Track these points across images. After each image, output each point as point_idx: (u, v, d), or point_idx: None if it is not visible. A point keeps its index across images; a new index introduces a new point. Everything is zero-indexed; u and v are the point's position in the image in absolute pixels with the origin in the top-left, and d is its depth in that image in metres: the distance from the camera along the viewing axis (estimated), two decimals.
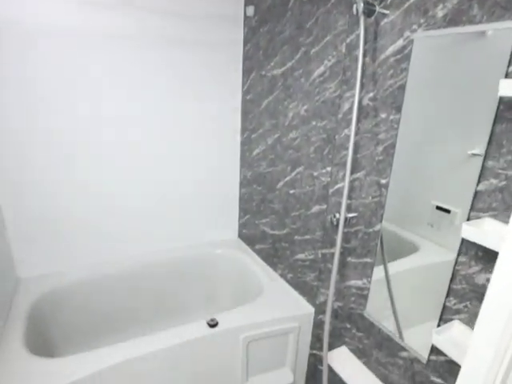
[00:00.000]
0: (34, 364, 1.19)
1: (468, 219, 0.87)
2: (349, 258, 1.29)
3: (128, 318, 1.88)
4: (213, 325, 1.40)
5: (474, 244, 0.85)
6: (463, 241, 0.88)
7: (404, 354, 1.11)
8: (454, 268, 0.91)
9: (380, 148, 1.10)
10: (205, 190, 2.00)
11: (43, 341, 1.53)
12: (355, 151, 1.19)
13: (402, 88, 1.00)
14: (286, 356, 1.61)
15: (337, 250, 1.17)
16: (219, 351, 1.42)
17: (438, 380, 1.01)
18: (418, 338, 1.07)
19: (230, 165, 2.03)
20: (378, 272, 1.18)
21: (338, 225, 1.29)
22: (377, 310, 1.21)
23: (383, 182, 1.10)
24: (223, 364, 1.46)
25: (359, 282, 1.25)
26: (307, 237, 1.51)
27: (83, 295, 1.72)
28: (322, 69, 1.30)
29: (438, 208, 0.97)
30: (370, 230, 1.17)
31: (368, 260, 1.20)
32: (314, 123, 1.38)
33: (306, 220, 1.50)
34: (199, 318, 1.45)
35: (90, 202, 1.72)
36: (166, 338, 1.32)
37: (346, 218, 1.25)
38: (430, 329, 0.99)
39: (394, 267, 1.14)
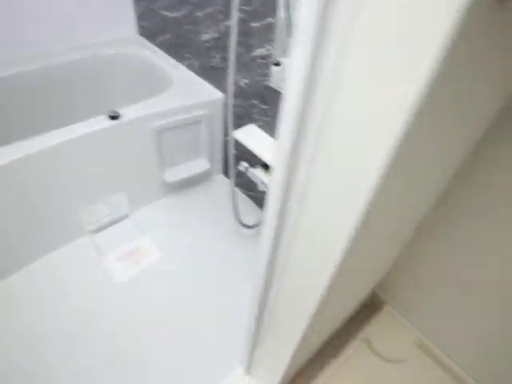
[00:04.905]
0: None
1: None
2: (252, 23, 1.15)
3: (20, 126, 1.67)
4: (114, 116, 1.29)
5: None
6: None
7: None
8: None
9: None
10: None
11: None
12: None
13: None
14: (199, 145, 1.63)
15: (234, 12, 1.01)
16: (127, 144, 1.37)
17: None
18: None
19: None
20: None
21: None
22: (281, 78, 1.16)
23: None
24: (135, 158, 1.44)
25: (263, 50, 1.16)
26: (209, 9, 1.30)
27: None
28: None
29: None
30: None
31: (271, 20, 1.08)
32: None
33: None
34: None
35: None
36: (60, 133, 1.20)
37: None
38: None
39: None
